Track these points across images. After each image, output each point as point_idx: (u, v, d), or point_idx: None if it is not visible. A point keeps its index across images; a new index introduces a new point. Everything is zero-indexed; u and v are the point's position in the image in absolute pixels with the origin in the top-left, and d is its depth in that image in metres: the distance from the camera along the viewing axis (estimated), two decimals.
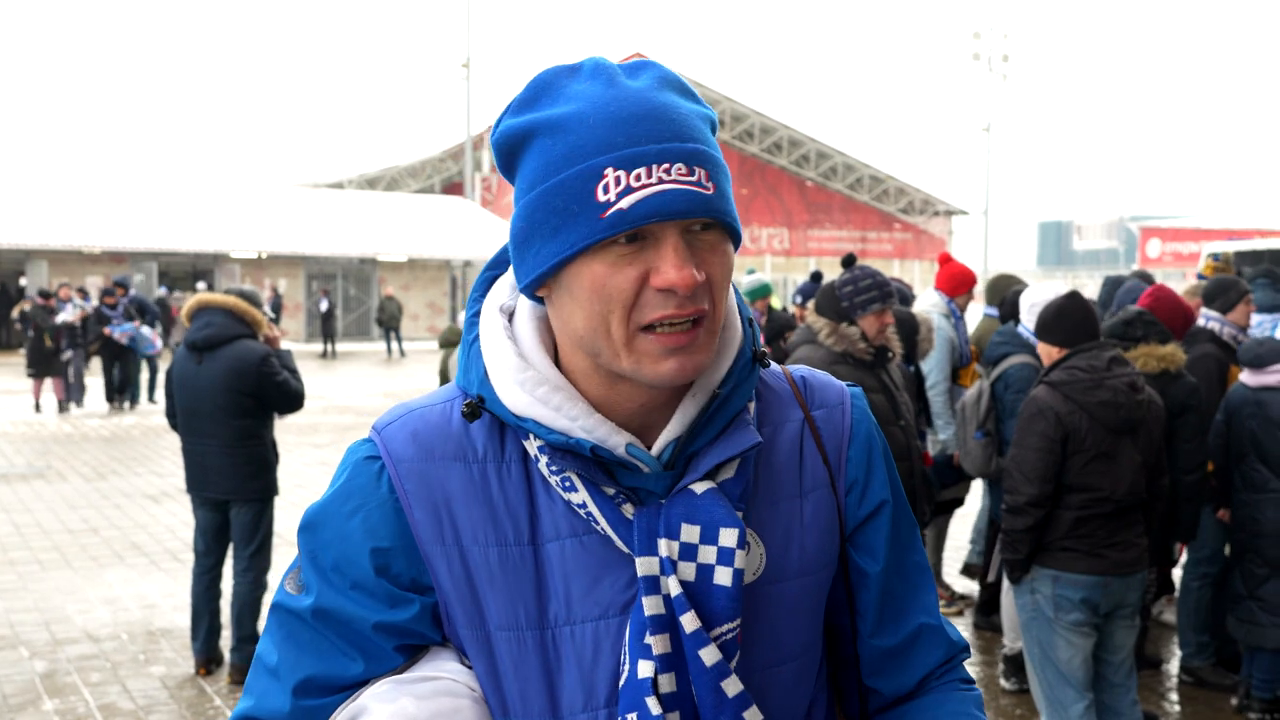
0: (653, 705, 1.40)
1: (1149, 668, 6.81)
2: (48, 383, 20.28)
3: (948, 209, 59.82)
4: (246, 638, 6.80)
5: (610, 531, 1.44)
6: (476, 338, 1.53)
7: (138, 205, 40.03)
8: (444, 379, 10.13)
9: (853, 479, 1.60)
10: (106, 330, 19.84)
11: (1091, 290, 24.90)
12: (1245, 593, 6.12)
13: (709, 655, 1.41)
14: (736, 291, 1.58)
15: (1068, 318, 4.98)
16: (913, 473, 5.18)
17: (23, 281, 36.77)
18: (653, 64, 1.46)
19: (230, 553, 6.94)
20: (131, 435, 17.27)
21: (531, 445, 1.47)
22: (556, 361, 1.49)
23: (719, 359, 1.49)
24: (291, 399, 6.78)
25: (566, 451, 1.43)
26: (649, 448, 1.47)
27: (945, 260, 8.75)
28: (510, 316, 1.54)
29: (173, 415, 6.92)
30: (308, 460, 14.78)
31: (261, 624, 6.92)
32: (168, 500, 12.19)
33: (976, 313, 9.51)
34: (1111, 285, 9.09)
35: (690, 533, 1.44)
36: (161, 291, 32.75)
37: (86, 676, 6.86)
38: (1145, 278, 8.64)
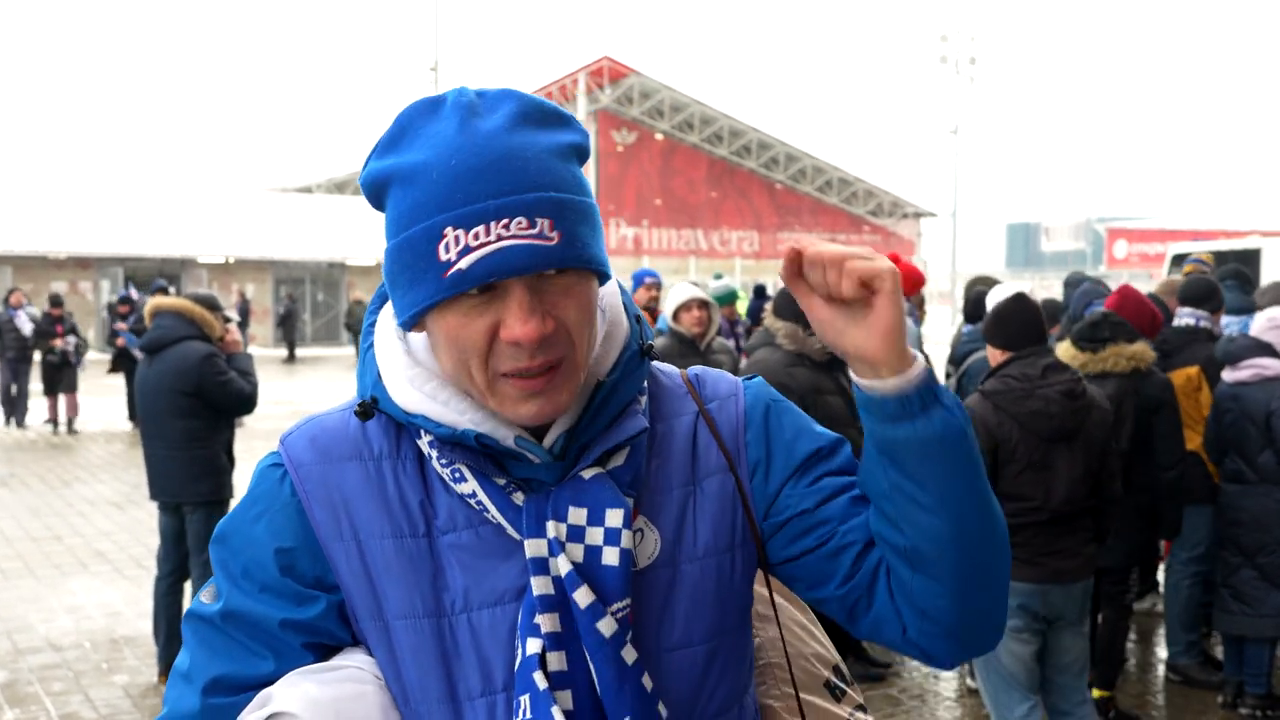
0: (539, 680, 1.43)
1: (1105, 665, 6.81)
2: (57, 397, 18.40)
3: (916, 211, 60.03)
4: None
5: (500, 518, 1.48)
6: (371, 345, 1.58)
7: (103, 210, 39.71)
8: None
9: (754, 461, 1.62)
10: (120, 341, 17.87)
11: (1059, 291, 25.01)
12: (1221, 581, 6.22)
13: (606, 626, 1.44)
14: (622, 288, 1.62)
15: (1009, 321, 4.98)
16: None
17: None
18: (512, 94, 1.45)
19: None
20: (96, 441, 17.11)
21: (423, 442, 1.51)
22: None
23: (606, 351, 1.53)
24: (237, 400, 6.70)
25: (455, 444, 1.47)
26: (540, 440, 1.49)
27: (894, 260, 8.77)
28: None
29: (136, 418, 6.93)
30: None
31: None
32: (132, 507, 12.07)
33: (942, 315, 9.52)
34: (1071, 286, 9.11)
35: (577, 515, 1.47)
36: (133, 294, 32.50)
37: (48, 686, 6.76)
38: (1098, 283, 8.65)
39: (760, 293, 9.58)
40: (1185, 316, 6.94)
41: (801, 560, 1.59)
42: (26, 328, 18.35)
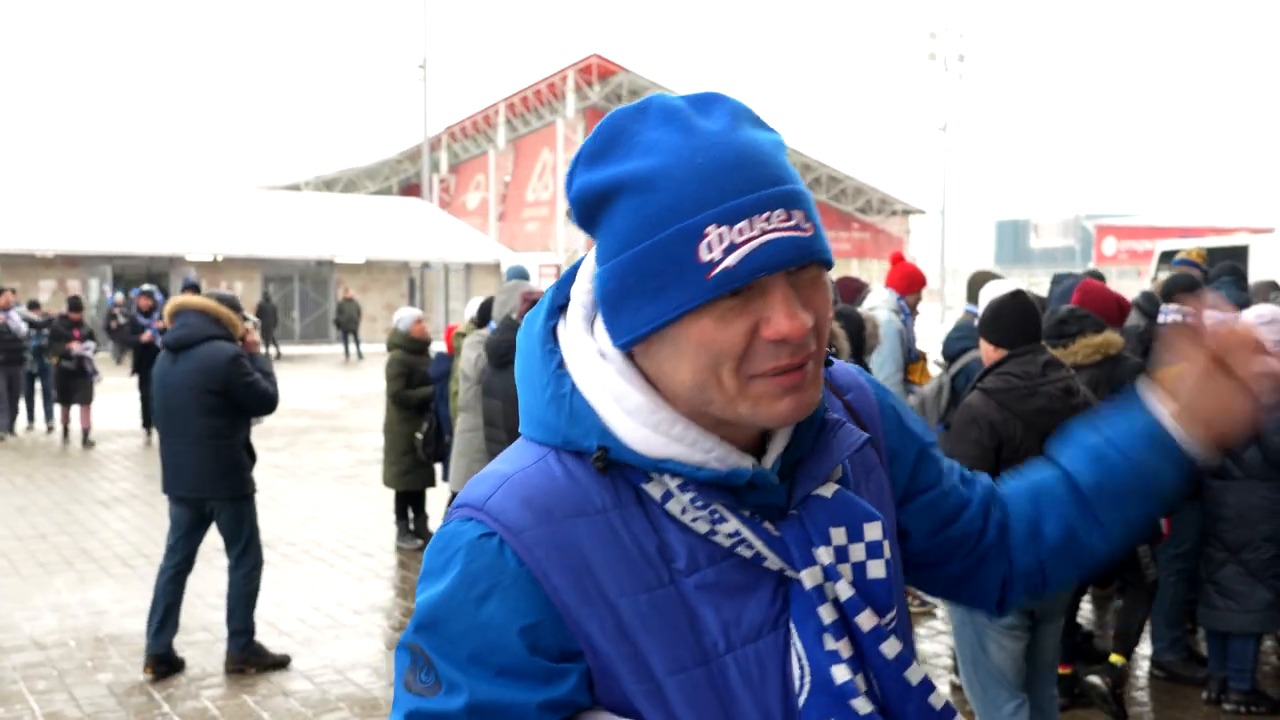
0: (861, 705, 1.40)
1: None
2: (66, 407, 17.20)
3: (905, 208, 60.13)
4: (238, 631, 6.96)
5: (767, 552, 1.42)
6: (573, 388, 1.44)
7: (91, 208, 39.65)
8: (397, 382, 10.04)
9: (893, 449, 1.65)
10: (147, 336, 17.09)
11: (1047, 288, 25.06)
12: (1205, 576, 6.24)
13: (890, 648, 1.43)
14: None
15: (1005, 317, 4.98)
16: None
17: None
18: (719, 97, 1.43)
19: (203, 555, 7.01)
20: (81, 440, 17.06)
21: (660, 485, 1.42)
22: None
23: None
24: (262, 400, 6.87)
25: (713, 485, 1.41)
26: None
27: (898, 260, 8.83)
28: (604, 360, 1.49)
29: (153, 415, 7.04)
30: (262, 464, 14.63)
31: (253, 619, 7.04)
32: (118, 506, 12.04)
33: (931, 312, 9.53)
34: (1055, 284, 9.14)
35: (839, 535, 1.45)
36: (120, 295, 32.43)
37: (33, 684, 6.73)
38: (1096, 275, 8.67)
39: None
40: (1171, 313, 6.94)
41: (933, 546, 1.69)
42: (21, 329, 17.29)
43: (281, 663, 7.01)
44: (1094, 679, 6.04)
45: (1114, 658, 6.12)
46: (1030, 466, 1.77)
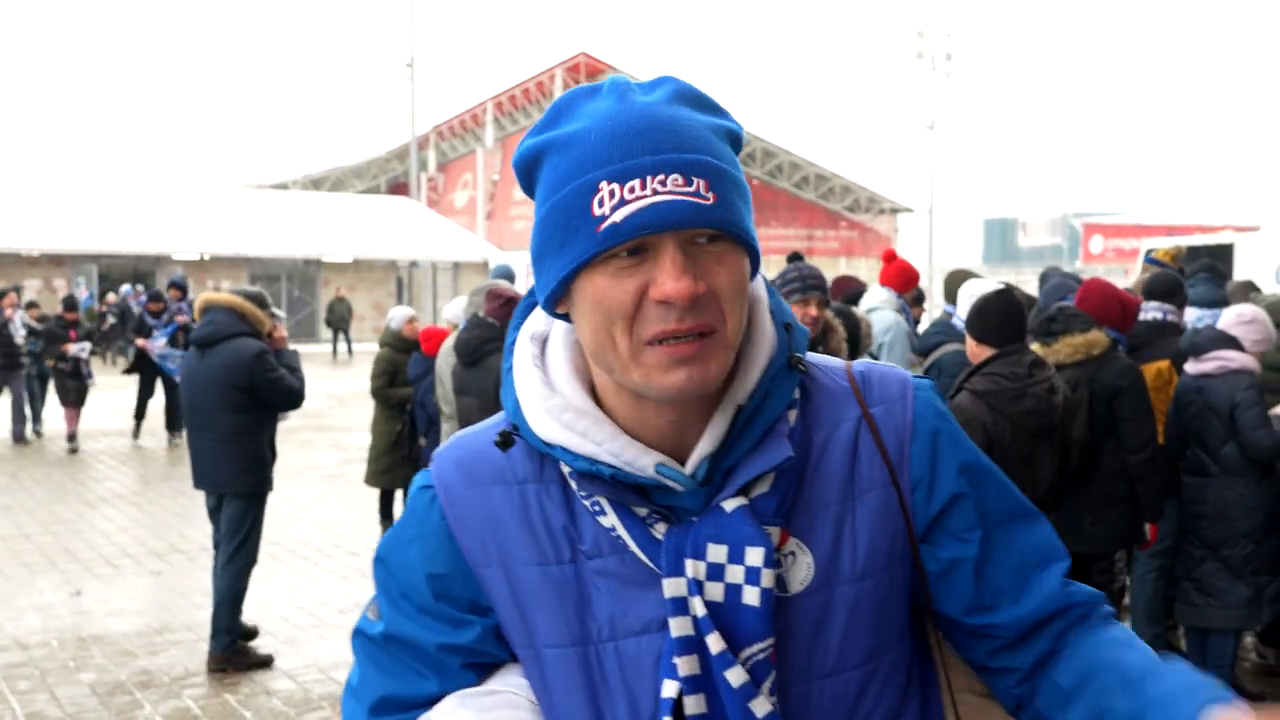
0: None
1: None
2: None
3: (893, 206, 60.19)
4: (220, 630, 6.97)
5: (640, 553, 1.45)
6: (511, 367, 1.55)
7: (77, 206, 39.50)
8: (380, 380, 10.06)
9: (918, 476, 1.53)
10: (142, 342, 16.39)
11: (1035, 286, 25.10)
12: (1183, 574, 6.25)
13: (735, 676, 1.40)
14: (774, 295, 1.56)
15: (992, 315, 4.99)
16: None
17: None
18: (672, 79, 1.46)
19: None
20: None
21: (565, 469, 1.48)
22: (591, 383, 1.49)
23: (746, 371, 1.47)
24: (287, 396, 7.00)
25: (593, 477, 1.43)
26: (684, 464, 1.44)
27: (891, 257, 8.76)
28: (544, 342, 1.55)
29: (180, 410, 7.17)
30: None
31: (238, 618, 7.10)
32: (104, 506, 12.01)
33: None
34: (1044, 281, 9.16)
35: (717, 552, 1.42)
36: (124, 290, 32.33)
37: (14, 684, 6.72)
38: (1070, 277, 8.68)
39: None
40: (1152, 310, 6.95)
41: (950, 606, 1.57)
42: (19, 334, 16.46)
43: (265, 662, 7.00)
44: None
45: None
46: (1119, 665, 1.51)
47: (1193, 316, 7.58)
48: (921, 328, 8.40)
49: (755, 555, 1.41)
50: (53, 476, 13.94)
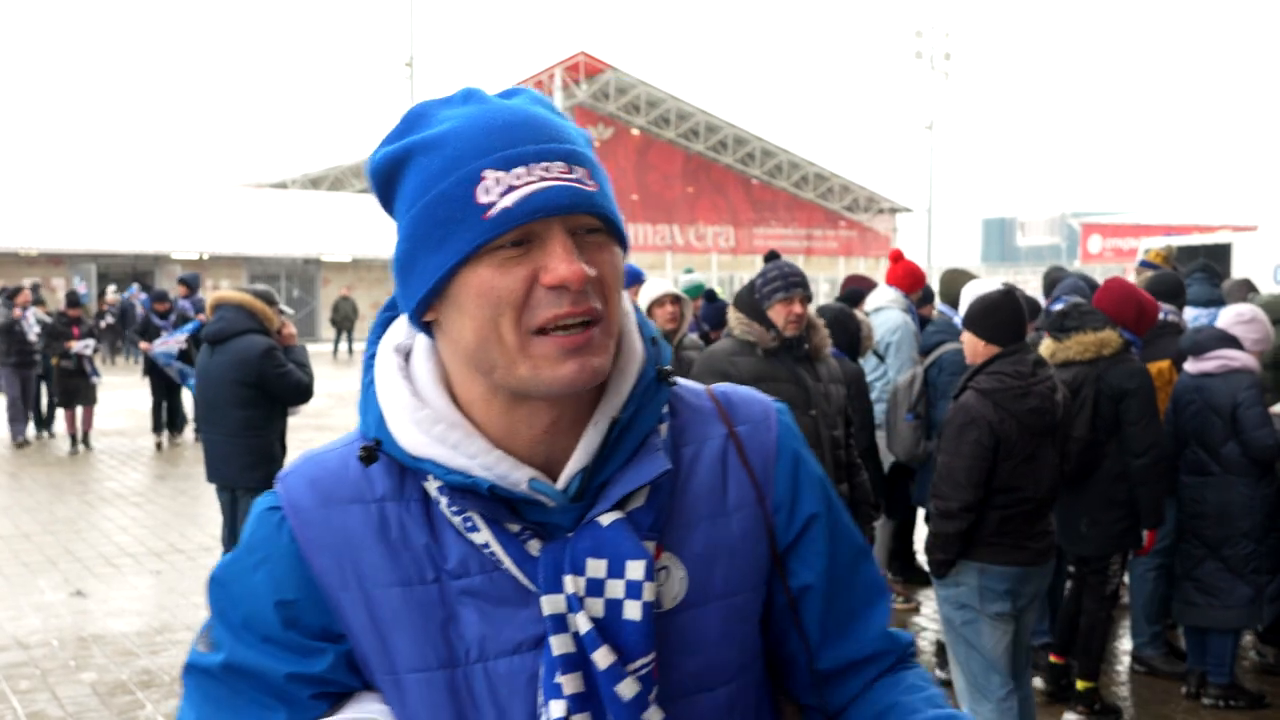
0: None
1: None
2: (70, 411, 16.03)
3: (892, 206, 60.18)
4: None
5: (516, 570, 1.40)
6: (373, 380, 1.49)
7: (75, 205, 39.47)
8: None
9: (780, 498, 1.55)
10: (145, 345, 15.68)
11: (1035, 286, 25.09)
12: (1183, 574, 6.25)
13: (627, 689, 1.38)
14: (638, 310, 1.56)
15: (999, 314, 4.99)
16: (823, 461, 5.15)
17: None
18: (526, 89, 1.47)
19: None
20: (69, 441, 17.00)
21: (431, 486, 1.43)
22: (454, 398, 1.45)
23: (618, 383, 1.45)
24: (296, 390, 7.17)
25: (467, 491, 1.39)
26: (555, 479, 1.41)
27: (898, 257, 8.76)
28: (407, 356, 1.50)
29: (178, 411, 7.46)
30: None
31: None
32: (104, 505, 12.01)
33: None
34: (1050, 281, 9.16)
35: (596, 567, 1.39)
36: (130, 293, 32.32)
37: (15, 684, 6.72)
38: (1083, 277, 8.70)
39: (711, 297, 9.41)
40: (1165, 314, 6.97)
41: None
42: (33, 332, 16.22)
43: None
44: (1072, 716, 6.04)
45: (1081, 684, 6.09)
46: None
47: (1189, 316, 7.60)
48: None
49: (636, 569, 1.39)
50: (52, 476, 13.93)
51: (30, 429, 16.88)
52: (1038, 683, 6.23)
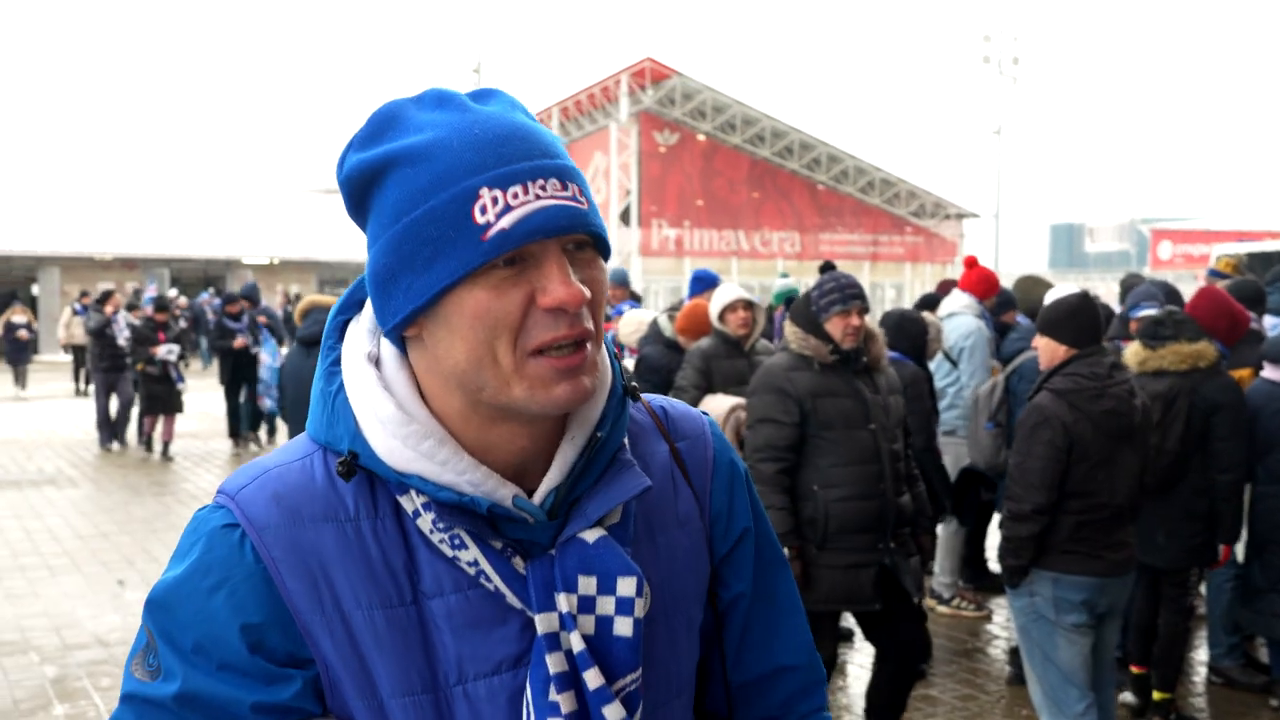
0: None
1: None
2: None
3: (959, 212, 59.68)
4: None
5: (505, 589, 1.37)
6: (340, 388, 1.43)
7: (149, 211, 40.13)
8: None
9: (717, 510, 1.58)
10: (240, 341, 15.51)
11: (1104, 292, 24.86)
12: (1266, 585, 6.10)
13: (613, 712, 1.37)
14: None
15: (1077, 317, 4.92)
16: (882, 476, 5.13)
17: (35, 289, 36.85)
18: (498, 91, 1.42)
19: None
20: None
21: (411, 501, 1.38)
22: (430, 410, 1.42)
23: (595, 398, 1.44)
24: None
25: (455, 508, 1.36)
26: (530, 496, 1.40)
27: (972, 263, 8.74)
28: (376, 363, 1.44)
29: (283, 408, 8.03)
30: None
31: None
32: (179, 507, 12.18)
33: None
34: (1125, 287, 9.10)
35: (587, 584, 1.38)
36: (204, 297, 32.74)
37: (97, 681, 6.84)
38: (1155, 284, 8.62)
39: (790, 304, 9.48)
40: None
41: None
42: (122, 336, 15.92)
43: None
44: None
45: (1158, 695, 6.03)
46: None
47: (1269, 323, 7.50)
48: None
49: (627, 585, 1.38)
50: (128, 478, 14.15)
51: (114, 442, 16.53)
52: (1128, 696, 6.18)
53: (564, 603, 1.37)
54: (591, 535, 1.39)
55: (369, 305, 1.46)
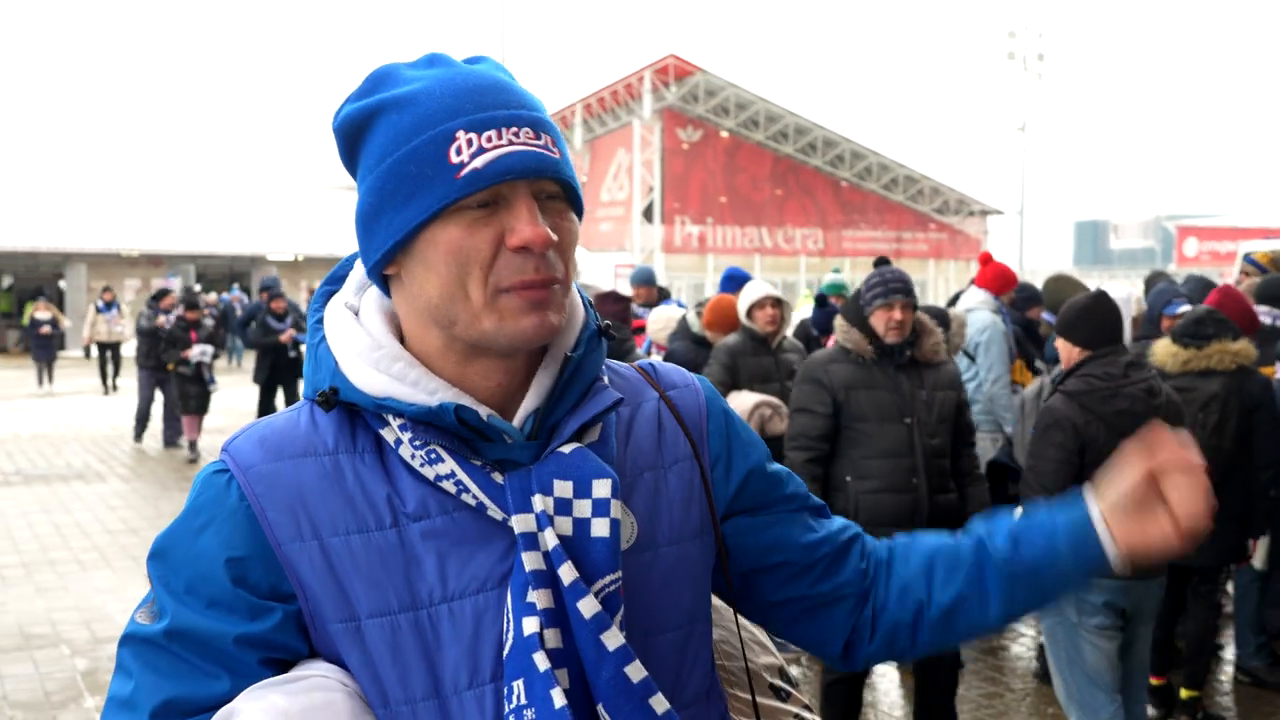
0: (540, 661, 1.37)
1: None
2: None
3: (983, 209, 59.49)
4: None
5: (482, 495, 1.43)
6: (322, 339, 1.52)
7: (175, 208, 40.29)
8: None
9: (716, 454, 1.65)
10: (286, 336, 15.35)
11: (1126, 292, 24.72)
12: None
13: (587, 606, 1.40)
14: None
15: (1090, 318, 4.90)
16: (915, 470, 5.13)
17: (62, 284, 37.07)
18: (487, 56, 1.52)
19: None
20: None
21: (391, 430, 1.45)
22: (409, 349, 1.50)
23: (568, 327, 1.52)
24: None
25: (429, 424, 1.43)
26: (510, 422, 1.47)
27: (987, 260, 8.76)
28: (355, 314, 1.54)
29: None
30: None
31: None
32: None
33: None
34: (1148, 285, 9.07)
35: (563, 488, 1.43)
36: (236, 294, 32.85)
37: None
38: (1174, 282, 8.59)
39: (822, 302, 9.46)
40: (1262, 315, 6.86)
41: (766, 570, 1.68)
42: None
43: None
44: None
45: (1185, 692, 6.02)
46: (940, 534, 1.74)
47: None
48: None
49: (602, 487, 1.44)
50: (156, 473, 14.26)
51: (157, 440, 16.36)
52: (1149, 709, 6.17)
53: (540, 503, 1.42)
54: (567, 447, 1.47)
55: (352, 276, 1.58)
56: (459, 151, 1.37)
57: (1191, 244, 65.94)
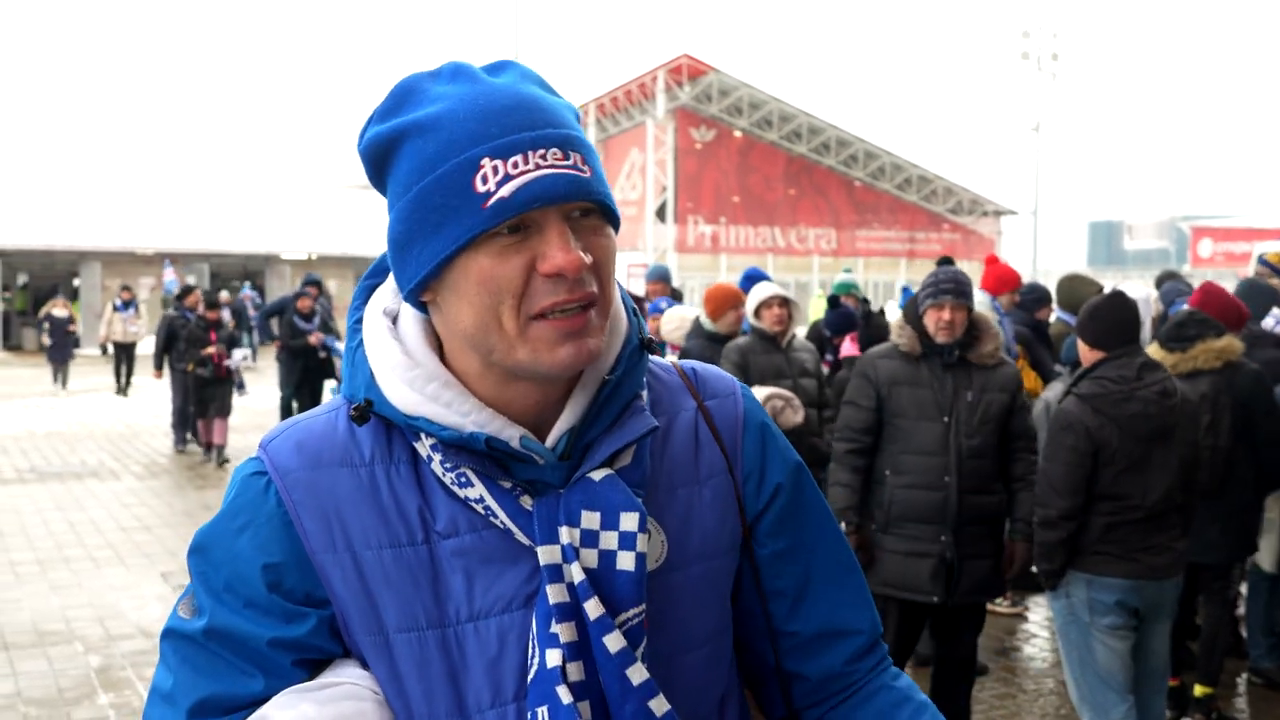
0: (563, 694, 1.37)
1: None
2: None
3: (996, 209, 59.37)
4: None
5: (510, 523, 1.42)
6: (360, 343, 1.50)
7: (189, 206, 40.40)
8: None
9: (749, 468, 1.61)
10: (315, 338, 14.61)
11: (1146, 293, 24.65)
12: None
13: (613, 642, 1.39)
14: (618, 283, 1.57)
15: (1102, 319, 4.88)
16: (947, 469, 5.15)
17: (76, 282, 37.19)
18: (513, 63, 1.47)
19: None
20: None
21: (423, 445, 1.44)
22: (448, 366, 1.47)
23: (609, 345, 1.48)
24: None
25: (460, 447, 1.41)
26: (544, 441, 1.45)
27: (992, 261, 8.80)
28: (394, 320, 1.52)
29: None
30: None
31: None
32: (219, 499, 12.24)
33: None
34: (1161, 285, 9.07)
35: (591, 519, 1.42)
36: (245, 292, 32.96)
37: (141, 671, 6.92)
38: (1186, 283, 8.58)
39: (834, 303, 9.43)
40: (1275, 318, 6.85)
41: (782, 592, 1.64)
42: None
43: None
44: None
45: (1200, 689, 6.00)
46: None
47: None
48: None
49: (630, 520, 1.42)
50: (170, 470, 14.30)
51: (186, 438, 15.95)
52: None
53: (566, 535, 1.41)
54: (598, 474, 1.44)
55: (392, 275, 1.53)
56: (484, 180, 1.33)
57: (1206, 245, 65.75)
